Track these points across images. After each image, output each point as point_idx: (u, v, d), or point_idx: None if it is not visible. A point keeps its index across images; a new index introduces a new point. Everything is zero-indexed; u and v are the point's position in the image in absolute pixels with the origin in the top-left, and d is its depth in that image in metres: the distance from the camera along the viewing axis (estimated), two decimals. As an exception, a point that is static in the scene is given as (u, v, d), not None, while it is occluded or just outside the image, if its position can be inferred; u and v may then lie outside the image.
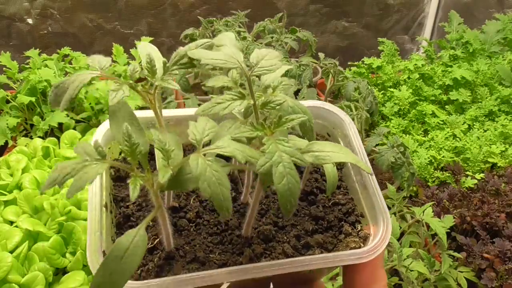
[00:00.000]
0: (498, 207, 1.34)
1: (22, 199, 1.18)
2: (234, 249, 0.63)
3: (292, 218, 0.68)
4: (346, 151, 0.56)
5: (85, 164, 0.46)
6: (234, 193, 0.70)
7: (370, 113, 1.68)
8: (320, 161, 0.53)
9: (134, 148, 0.48)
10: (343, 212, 0.70)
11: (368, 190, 0.68)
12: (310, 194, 0.72)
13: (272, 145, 0.48)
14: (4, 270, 1.00)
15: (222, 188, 0.46)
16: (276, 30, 1.92)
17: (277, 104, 0.52)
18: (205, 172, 0.46)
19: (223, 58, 0.52)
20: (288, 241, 0.65)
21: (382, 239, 0.62)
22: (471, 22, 2.32)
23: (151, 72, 0.52)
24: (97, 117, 1.72)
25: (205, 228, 0.64)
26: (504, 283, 1.16)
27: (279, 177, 0.46)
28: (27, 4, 2.27)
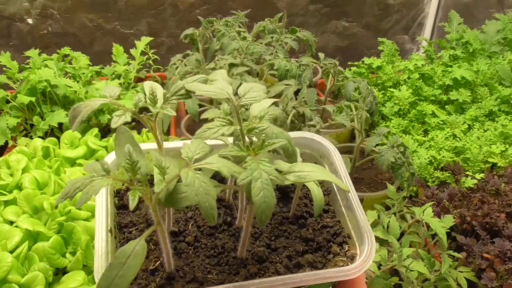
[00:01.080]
0: (498, 207, 1.34)
1: (22, 199, 1.18)
2: (230, 270, 0.67)
3: (283, 240, 0.73)
4: (324, 171, 0.62)
5: (92, 179, 0.53)
6: (230, 218, 0.75)
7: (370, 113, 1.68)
8: (302, 180, 0.59)
9: (134, 165, 0.55)
10: (331, 234, 0.76)
11: (353, 212, 0.74)
12: (300, 218, 0.78)
13: (253, 164, 0.54)
14: (4, 270, 1.00)
15: (208, 197, 0.52)
16: (276, 30, 1.92)
17: (261, 130, 0.59)
18: (193, 183, 0.51)
19: (215, 90, 0.60)
20: (280, 261, 0.70)
21: (367, 258, 0.67)
22: (471, 22, 2.32)
23: (153, 102, 0.60)
24: (97, 117, 1.72)
25: (203, 251, 0.70)
26: (504, 283, 1.16)
27: (256, 190, 0.52)
28: (27, 4, 2.27)
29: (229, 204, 0.78)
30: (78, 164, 1.45)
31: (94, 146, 1.47)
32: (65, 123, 1.65)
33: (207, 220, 0.52)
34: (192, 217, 0.75)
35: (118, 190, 0.79)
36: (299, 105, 1.51)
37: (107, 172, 0.54)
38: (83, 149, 1.46)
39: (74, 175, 1.33)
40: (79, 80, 1.83)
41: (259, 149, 0.57)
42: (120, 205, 0.77)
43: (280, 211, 0.79)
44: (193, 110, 1.53)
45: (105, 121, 1.70)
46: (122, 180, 0.56)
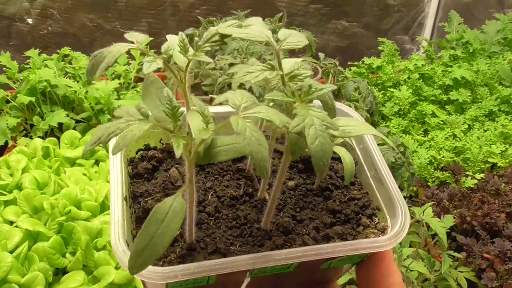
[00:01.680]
0: (498, 207, 1.34)
1: (22, 199, 1.18)
2: (254, 241, 0.64)
3: (309, 212, 0.69)
4: (368, 126, 0.58)
5: (129, 123, 0.47)
6: (251, 189, 0.71)
7: (370, 113, 1.68)
8: (347, 134, 0.55)
9: (175, 111, 0.50)
10: (359, 206, 0.72)
11: (383, 184, 0.69)
12: (325, 190, 0.74)
13: (303, 110, 0.50)
14: (4, 270, 1.00)
15: (261, 147, 0.47)
16: (276, 30, 1.92)
17: (304, 77, 0.55)
18: (245, 131, 0.47)
19: (253, 33, 0.55)
20: (307, 233, 0.66)
21: (402, 228, 0.63)
22: (471, 22, 2.32)
23: (183, 49, 0.54)
24: (97, 117, 1.72)
25: (224, 222, 0.66)
26: (504, 283, 1.16)
27: (312, 137, 0.48)
28: (27, 4, 2.27)
29: (249, 175, 0.74)
30: (78, 164, 1.45)
31: (94, 146, 1.47)
32: (65, 123, 1.65)
33: (260, 173, 0.47)
34: (212, 187, 0.71)
35: (132, 159, 0.76)
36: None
37: (145, 116, 0.49)
38: (83, 149, 1.46)
39: (74, 175, 1.33)
40: (79, 80, 1.83)
41: (306, 96, 0.53)
42: (134, 174, 0.72)
43: (303, 182, 0.74)
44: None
45: (105, 121, 1.70)
46: (164, 127, 0.50)
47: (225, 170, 0.75)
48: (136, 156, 0.76)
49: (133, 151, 0.76)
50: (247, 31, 0.55)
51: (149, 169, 0.73)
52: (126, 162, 0.73)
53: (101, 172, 1.38)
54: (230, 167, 0.75)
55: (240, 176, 0.74)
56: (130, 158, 0.75)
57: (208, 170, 0.74)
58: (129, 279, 1.07)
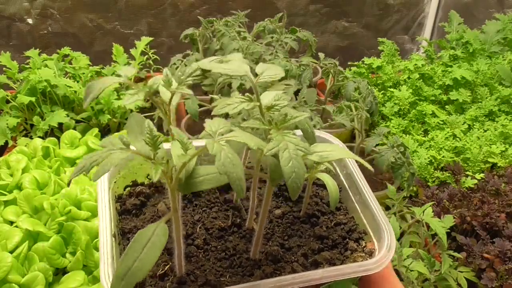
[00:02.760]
0: (498, 207, 1.34)
1: (22, 199, 1.18)
2: (244, 272, 0.64)
3: (297, 239, 0.71)
4: (345, 150, 0.60)
5: (111, 152, 0.50)
6: (239, 220, 0.72)
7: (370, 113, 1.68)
8: (324, 160, 0.57)
9: (155, 139, 0.53)
10: (346, 231, 0.73)
11: (368, 207, 0.71)
12: (312, 216, 0.75)
13: (278, 136, 0.53)
14: (4, 270, 1.00)
15: (236, 167, 0.49)
16: (276, 30, 1.92)
17: (281, 107, 0.57)
18: (220, 153, 0.49)
19: (232, 68, 0.58)
20: (296, 260, 0.67)
21: (388, 250, 0.64)
22: (471, 22, 2.32)
23: (167, 84, 0.56)
24: (97, 117, 1.72)
25: (213, 254, 0.67)
26: (504, 283, 1.16)
27: (286, 160, 0.50)
28: (27, 4, 2.27)
29: (237, 205, 0.76)
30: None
31: (94, 146, 1.47)
32: (65, 123, 1.65)
33: (236, 193, 0.50)
34: (200, 219, 0.72)
35: (120, 196, 0.77)
36: (299, 105, 1.51)
37: (126, 145, 0.51)
38: (83, 149, 1.46)
39: (74, 175, 1.33)
40: (79, 80, 1.83)
41: (282, 123, 0.55)
42: (123, 210, 0.74)
43: (290, 210, 0.76)
44: (193, 110, 1.53)
45: (105, 121, 1.70)
46: (143, 154, 0.53)
47: (213, 202, 0.76)
48: (124, 192, 0.77)
49: (121, 188, 0.77)
50: (227, 66, 0.58)
51: (137, 205, 0.74)
52: (114, 198, 0.74)
53: (101, 172, 1.38)
54: (218, 199, 0.77)
55: (227, 207, 0.75)
56: (118, 195, 0.77)
57: (196, 203, 0.76)
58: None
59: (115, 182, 0.75)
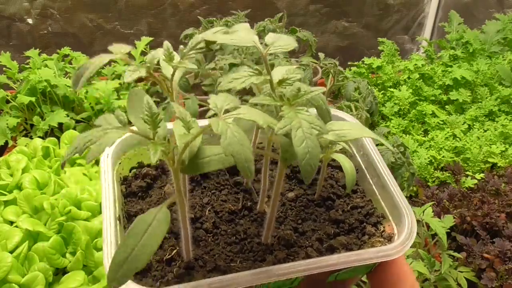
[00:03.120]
0: (498, 207, 1.34)
1: (22, 199, 1.18)
2: (255, 257, 0.61)
3: (311, 223, 0.67)
4: (363, 128, 0.56)
5: (106, 132, 0.46)
6: (250, 203, 0.69)
7: (370, 113, 1.68)
8: (341, 138, 0.53)
9: (154, 118, 0.48)
10: (363, 214, 0.69)
11: (387, 190, 0.67)
12: (327, 199, 0.71)
13: (290, 113, 0.48)
14: (4, 270, 1.00)
15: (243, 147, 0.45)
16: (276, 30, 1.92)
17: (293, 80, 0.52)
18: (226, 132, 0.45)
19: (239, 38, 0.53)
20: (311, 245, 0.63)
21: (409, 235, 0.60)
22: (471, 22, 2.32)
23: (169, 58, 0.52)
24: (97, 117, 1.72)
25: (223, 238, 0.63)
26: (504, 283, 1.16)
27: (298, 140, 0.46)
28: (27, 4, 2.27)
29: (247, 188, 0.71)
30: (78, 164, 1.45)
31: (94, 146, 1.47)
32: (65, 123, 1.65)
33: (243, 174, 0.45)
34: (209, 202, 0.68)
35: (125, 177, 0.73)
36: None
37: (123, 123, 0.47)
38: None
39: (74, 175, 1.33)
40: (79, 80, 1.83)
41: (294, 99, 0.50)
42: (128, 192, 0.70)
43: (304, 193, 0.71)
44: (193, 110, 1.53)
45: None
46: (141, 133, 0.48)
47: (222, 185, 0.73)
48: (130, 174, 0.73)
49: (126, 170, 0.73)
50: (233, 37, 0.54)
51: (143, 187, 0.71)
52: (119, 181, 0.71)
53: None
54: (228, 181, 0.73)
55: (238, 189, 0.72)
56: (124, 177, 0.73)
57: (205, 185, 0.72)
58: (129, 279, 1.07)
59: (119, 163, 0.71)
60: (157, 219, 0.49)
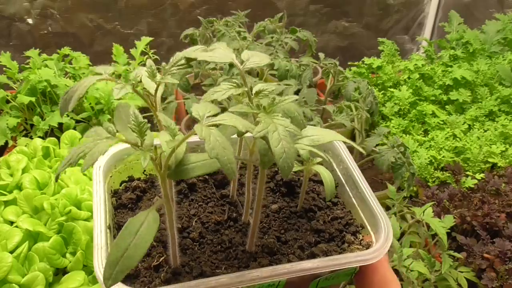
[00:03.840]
0: (498, 207, 1.34)
1: (22, 199, 1.18)
2: (240, 263, 0.64)
3: (294, 233, 0.70)
4: (335, 134, 0.61)
5: (97, 142, 0.50)
6: (235, 214, 0.72)
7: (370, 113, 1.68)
8: (316, 142, 0.58)
9: (141, 127, 0.52)
10: (343, 224, 0.73)
11: (365, 201, 0.71)
12: (308, 211, 0.75)
13: (267, 118, 0.52)
14: (4, 270, 1.00)
15: (226, 151, 0.49)
16: (276, 30, 1.92)
17: (270, 92, 0.57)
18: (209, 137, 0.49)
19: (218, 55, 0.58)
20: (293, 252, 0.67)
21: (386, 240, 0.64)
22: (471, 22, 2.32)
23: (151, 75, 0.56)
24: (97, 117, 1.72)
25: (209, 247, 0.66)
26: (505, 283, 1.16)
27: (275, 141, 0.50)
28: (27, 4, 2.27)
29: (233, 201, 0.76)
30: (78, 164, 1.45)
31: (94, 146, 1.47)
32: (65, 123, 1.65)
33: (227, 175, 0.49)
34: (196, 214, 0.72)
35: (116, 190, 0.77)
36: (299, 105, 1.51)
37: (112, 134, 0.51)
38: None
39: (74, 175, 1.33)
40: (79, 80, 1.83)
41: (270, 107, 0.55)
42: (119, 204, 0.74)
43: (287, 205, 0.76)
44: (193, 110, 1.53)
45: (105, 121, 1.69)
46: (130, 142, 0.52)
47: (209, 197, 0.76)
48: (120, 188, 0.77)
49: (117, 183, 0.77)
50: (212, 54, 0.58)
51: (133, 199, 0.74)
52: (110, 193, 0.74)
53: (101, 172, 1.38)
54: (214, 194, 0.77)
55: (224, 202, 0.75)
56: (114, 190, 0.76)
57: (192, 198, 0.76)
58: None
59: (111, 176, 0.74)
60: (147, 220, 0.52)
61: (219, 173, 0.81)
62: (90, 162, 0.47)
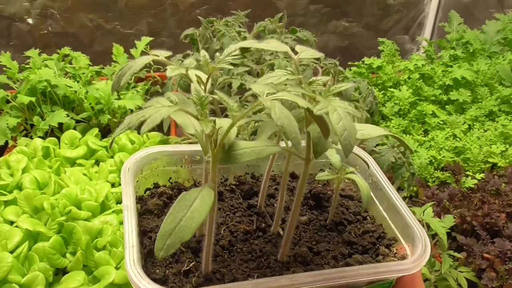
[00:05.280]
0: (498, 207, 1.34)
1: (22, 199, 1.18)
2: (272, 273, 0.62)
3: (325, 245, 0.69)
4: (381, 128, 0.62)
5: (159, 108, 0.50)
6: (264, 225, 0.71)
7: (371, 113, 1.68)
8: (365, 136, 0.59)
9: (203, 100, 0.53)
10: (375, 238, 0.71)
11: (398, 212, 0.69)
12: (339, 224, 0.74)
13: (325, 100, 0.53)
14: (4, 270, 1.00)
15: (291, 122, 0.49)
16: (276, 30, 1.92)
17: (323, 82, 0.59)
18: (274, 108, 0.49)
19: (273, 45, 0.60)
20: (327, 263, 0.65)
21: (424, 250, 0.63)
22: (471, 22, 2.32)
23: (205, 63, 0.59)
24: (97, 117, 1.72)
25: (239, 255, 0.64)
26: (505, 283, 1.16)
27: (336, 119, 0.50)
28: (27, 4, 2.26)
29: (261, 211, 0.74)
30: (78, 164, 1.45)
31: (95, 146, 1.47)
32: (65, 123, 1.65)
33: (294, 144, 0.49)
34: (224, 223, 0.70)
35: (141, 197, 0.75)
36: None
37: (174, 103, 0.51)
38: (83, 149, 1.46)
39: (74, 175, 1.33)
40: (79, 80, 1.83)
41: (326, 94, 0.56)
42: (144, 210, 0.72)
43: (316, 218, 0.74)
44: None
45: (105, 121, 1.70)
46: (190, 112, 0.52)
47: (236, 208, 0.74)
48: (145, 194, 0.76)
49: (142, 190, 0.76)
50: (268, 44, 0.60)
51: (160, 205, 0.72)
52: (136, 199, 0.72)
53: (101, 172, 1.38)
54: (241, 204, 0.75)
55: (251, 212, 0.73)
56: (139, 196, 0.75)
57: (219, 207, 0.74)
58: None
59: (137, 181, 0.73)
60: (201, 195, 0.51)
61: (246, 183, 0.79)
62: (150, 125, 0.47)
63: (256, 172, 0.83)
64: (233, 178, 0.81)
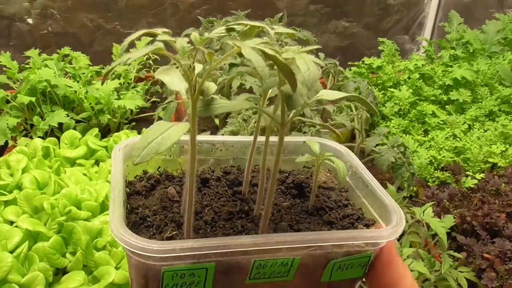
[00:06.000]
0: (498, 207, 1.34)
1: (22, 199, 1.18)
2: None
3: (306, 225, 0.72)
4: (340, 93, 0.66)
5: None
6: (247, 207, 0.73)
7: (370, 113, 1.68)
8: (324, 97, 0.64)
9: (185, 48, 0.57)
10: (354, 219, 0.74)
11: (375, 195, 0.72)
12: (320, 209, 0.76)
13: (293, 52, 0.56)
14: (4, 270, 1.00)
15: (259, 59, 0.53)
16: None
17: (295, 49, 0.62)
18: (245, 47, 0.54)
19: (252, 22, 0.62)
20: None
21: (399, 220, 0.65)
22: (471, 22, 2.32)
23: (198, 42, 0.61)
24: (97, 117, 1.72)
25: (221, 230, 0.67)
26: (505, 283, 1.16)
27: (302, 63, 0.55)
28: (27, 4, 2.27)
29: (245, 198, 0.77)
30: (78, 164, 1.45)
31: (94, 146, 1.47)
32: (65, 123, 1.65)
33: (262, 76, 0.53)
34: (208, 205, 0.73)
35: (130, 181, 0.78)
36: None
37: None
38: (83, 149, 1.46)
39: (74, 175, 1.33)
40: (79, 80, 1.83)
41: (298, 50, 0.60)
42: (132, 191, 0.74)
43: (298, 204, 0.78)
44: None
45: (105, 121, 1.70)
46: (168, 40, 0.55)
47: (221, 194, 0.77)
48: (134, 179, 0.78)
49: (131, 176, 0.78)
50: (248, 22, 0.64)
51: (147, 187, 0.75)
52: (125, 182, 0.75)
53: (101, 172, 1.38)
54: (227, 191, 0.78)
55: (236, 198, 0.76)
56: (129, 181, 0.76)
57: (205, 192, 0.76)
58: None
59: (127, 165, 0.75)
60: (177, 125, 0.55)
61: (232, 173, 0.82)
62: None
63: (242, 165, 0.87)
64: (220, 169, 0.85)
